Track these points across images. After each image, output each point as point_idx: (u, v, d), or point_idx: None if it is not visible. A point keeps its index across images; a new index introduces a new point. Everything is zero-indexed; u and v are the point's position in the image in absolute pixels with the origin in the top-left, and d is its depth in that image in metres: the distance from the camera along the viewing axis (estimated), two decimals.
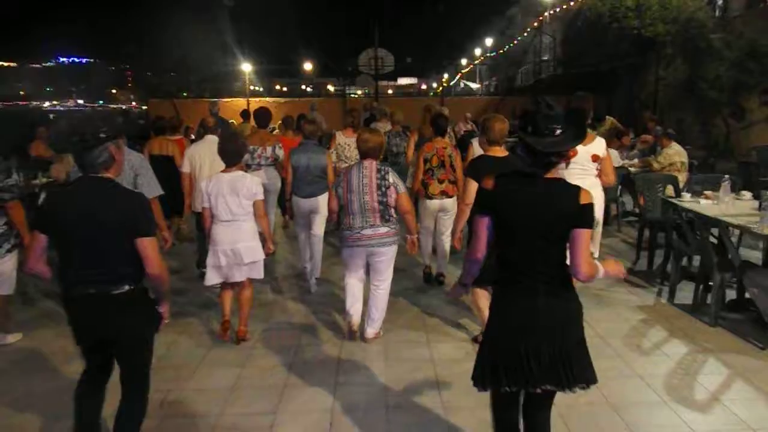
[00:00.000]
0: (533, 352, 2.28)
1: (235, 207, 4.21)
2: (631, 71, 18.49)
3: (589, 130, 4.49)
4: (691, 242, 5.15)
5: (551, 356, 2.28)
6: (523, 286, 2.33)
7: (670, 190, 6.57)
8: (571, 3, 23.90)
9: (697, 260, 5.26)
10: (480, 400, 2.73)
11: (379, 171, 4.20)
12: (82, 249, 2.60)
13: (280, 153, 6.33)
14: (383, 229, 4.22)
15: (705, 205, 5.15)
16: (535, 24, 31.15)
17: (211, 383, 3.88)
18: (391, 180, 4.19)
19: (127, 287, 2.63)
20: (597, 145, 4.71)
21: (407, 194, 4.32)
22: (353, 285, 4.47)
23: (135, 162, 4.47)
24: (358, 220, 4.20)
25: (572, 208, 2.28)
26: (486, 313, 4.28)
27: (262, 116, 6.61)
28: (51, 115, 47.86)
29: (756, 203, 5.11)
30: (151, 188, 4.46)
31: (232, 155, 4.31)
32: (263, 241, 4.43)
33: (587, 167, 4.63)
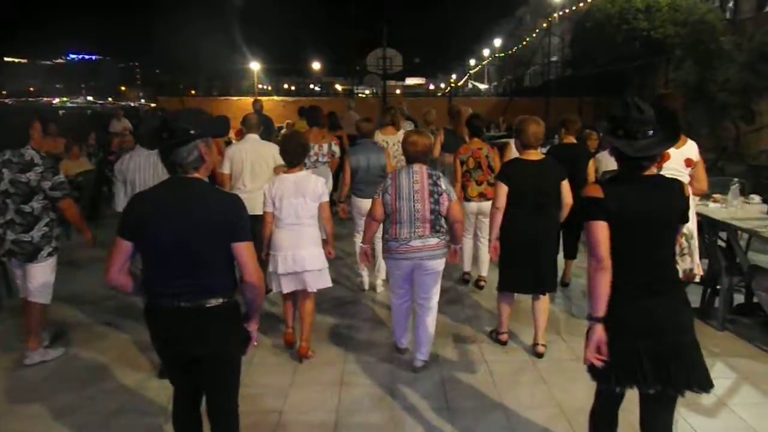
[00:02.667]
0: (651, 352, 2.29)
1: (300, 209, 3.96)
2: (640, 73, 18.42)
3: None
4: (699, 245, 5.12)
5: (666, 356, 2.29)
6: (642, 287, 2.32)
7: None
8: (581, 4, 23.83)
9: (704, 263, 5.23)
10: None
11: (430, 176, 3.83)
12: (174, 257, 2.35)
13: (337, 149, 6.27)
14: (433, 241, 3.82)
15: (714, 209, 5.12)
16: (544, 25, 31.06)
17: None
18: (443, 186, 3.82)
19: (221, 300, 2.39)
20: (690, 148, 4.23)
21: (459, 202, 3.98)
22: (400, 310, 4.13)
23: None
24: (405, 229, 3.80)
25: (683, 203, 2.35)
26: (505, 317, 4.33)
27: (314, 114, 6.56)
28: (60, 112, 48.14)
29: (765, 207, 5.07)
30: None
31: (295, 154, 4.06)
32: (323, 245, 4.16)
33: (680, 172, 4.15)
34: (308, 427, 3.35)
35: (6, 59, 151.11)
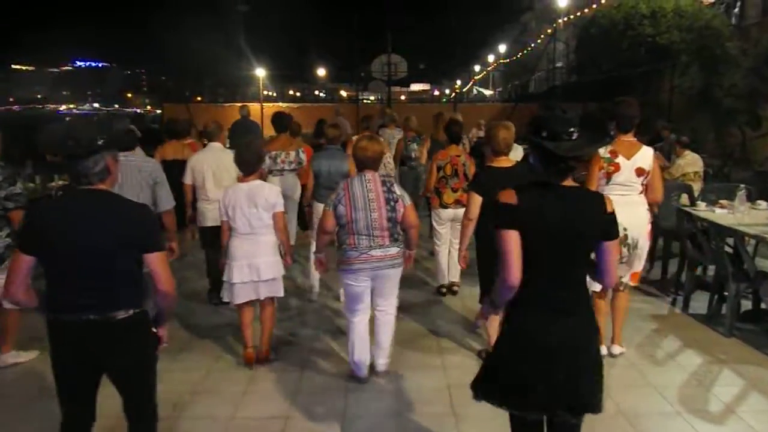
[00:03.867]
0: (550, 376, 2.18)
1: (254, 219, 3.94)
2: (646, 79, 18.38)
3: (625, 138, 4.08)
4: (706, 252, 5.10)
5: (567, 379, 2.19)
6: (547, 305, 2.21)
7: (684, 199, 6.51)
8: (586, 10, 23.85)
9: (711, 270, 5.21)
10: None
11: (384, 183, 3.74)
12: (79, 270, 2.29)
13: (303, 157, 6.23)
14: (394, 250, 3.74)
15: (720, 215, 5.10)
16: (549, 31, 31.10)
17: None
18: (398, 192, 3.74)
19: (131, 311, 2.37)
20: (643, 156, 4.03)
21: (413, 206, 3.86)
22: (360, 325, 3.90)
23: (153, 170, 4.30)
24: (364, 239, 3.69)
25: (602, 218, 2.21)
26: (494, 332, 4.27)
27: (280, 121, 6.53)
28: (67, 118, 48.46)
29: None
30: (169, 198, 4.36)
31: (249, 164, 4.05)
32: (282, 255, 4.15)
33: (632, 182, 4.03)
34: None
35: (14, 66, 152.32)
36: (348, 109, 19.12)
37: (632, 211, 3.98)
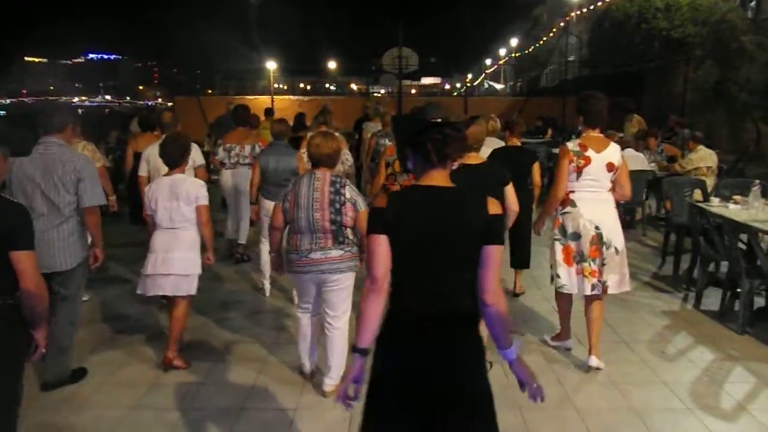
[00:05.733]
0: (417, 402, 1.96)
1: (174, 213, 3.82)
2: (659, 73, 18.22)
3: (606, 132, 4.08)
4: (719, 248, 5.05)
5: (437, 408, 1.95)
6: (419, 320, 1.98)
7: (698, 194, 6.46)
8: (599, 3, 23.63)
9: (724, 266, 5.16)
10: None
11: (333, 184, 3.50)
12: None
13: (259, 151, 6.04)
14: (335, 253, 3.48)
15: (734, 210, 5.05)
16: (561, 24, 30.86)
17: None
18: (347, 195, 3.49)
19: None
20: (613, 152, 3.88)
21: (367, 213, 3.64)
22: (303, 322, 3.75)
23: (78, 165, 3.62)
24: (306, 241, 3.50)
25: (481, 220, 1.99)
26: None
27: (241, 114, 6.46)
28: (79, 110, 48.79)
29: None
30: (95, 196, 3.70)
31: (172, 157, 3.92)
32: (204, 253, 3.98)
33: (601, 179, 3.87)
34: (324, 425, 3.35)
35: (27, 59, 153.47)
36: (353, 102, 19.04)
37: (602, 209, 3.88)
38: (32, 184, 3.52)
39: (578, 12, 30.20)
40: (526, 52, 42.44)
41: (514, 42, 46.24)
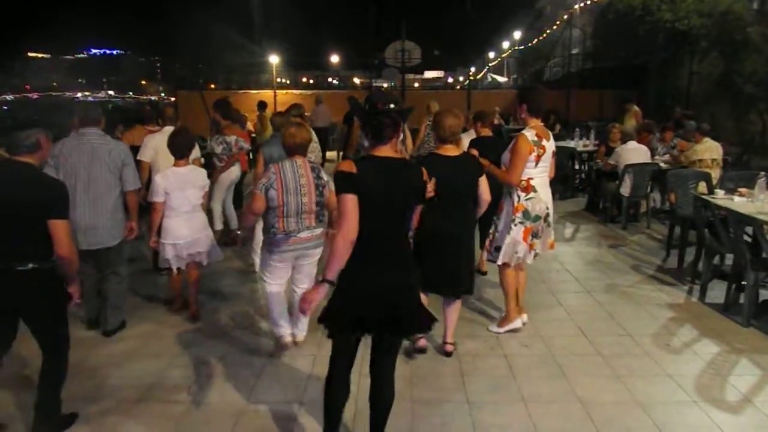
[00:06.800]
0: (375, 312, 2.57)
1: (194, 199, 4.50)
2: (664, 65, 18.10)
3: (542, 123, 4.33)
4: (724, 240, 5.03)
5: (390, 316, 2.59)
6: (376, 258, 2.57)
7: (702, 186, 6.43)
8: None
9: (729, 258, 5.14)
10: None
11: (313, 170, 3.95)
12: None
13: (244, 144, 6.58)
14: (319, 230, 4.00)
15: (739, 203, 5.03)
16: (565, 17, 30.69)
17: None
18: (325, 178, 3.96)
19: (30, 265, 2.84)
20: (552, 140, 4.36)
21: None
22: (279, 299, 4.16)
23: (123, 153, 4.26)
24: (293, 223, 3.89)
25: (419, 185, 2.68)
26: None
27: (223, 108, 6.65)
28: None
29: None
30: (136, 180, 4.35)
31: (182, 149, 4.52)
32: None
33: (548, 165, 4.31)
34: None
35: (30, 55, 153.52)
36: (360, 96, 18.96)
37: (548, 191, 4.37)
38: (83, 167, 4.07)
39: (582, 4, 30.05)
40: (530, 45, 42.27)
41: (517, 35, 46.05)
